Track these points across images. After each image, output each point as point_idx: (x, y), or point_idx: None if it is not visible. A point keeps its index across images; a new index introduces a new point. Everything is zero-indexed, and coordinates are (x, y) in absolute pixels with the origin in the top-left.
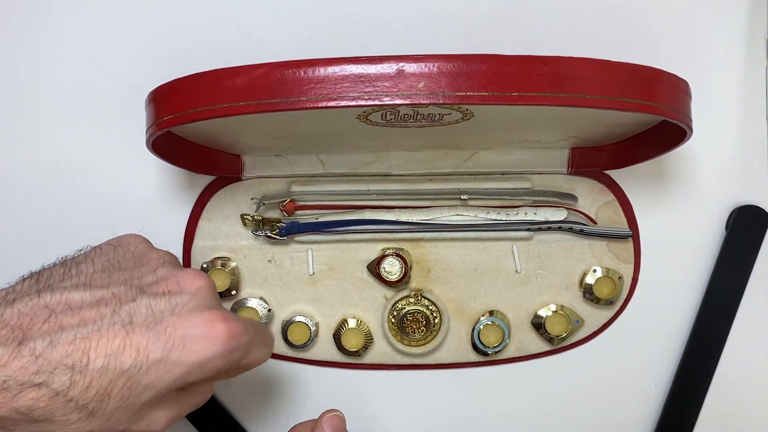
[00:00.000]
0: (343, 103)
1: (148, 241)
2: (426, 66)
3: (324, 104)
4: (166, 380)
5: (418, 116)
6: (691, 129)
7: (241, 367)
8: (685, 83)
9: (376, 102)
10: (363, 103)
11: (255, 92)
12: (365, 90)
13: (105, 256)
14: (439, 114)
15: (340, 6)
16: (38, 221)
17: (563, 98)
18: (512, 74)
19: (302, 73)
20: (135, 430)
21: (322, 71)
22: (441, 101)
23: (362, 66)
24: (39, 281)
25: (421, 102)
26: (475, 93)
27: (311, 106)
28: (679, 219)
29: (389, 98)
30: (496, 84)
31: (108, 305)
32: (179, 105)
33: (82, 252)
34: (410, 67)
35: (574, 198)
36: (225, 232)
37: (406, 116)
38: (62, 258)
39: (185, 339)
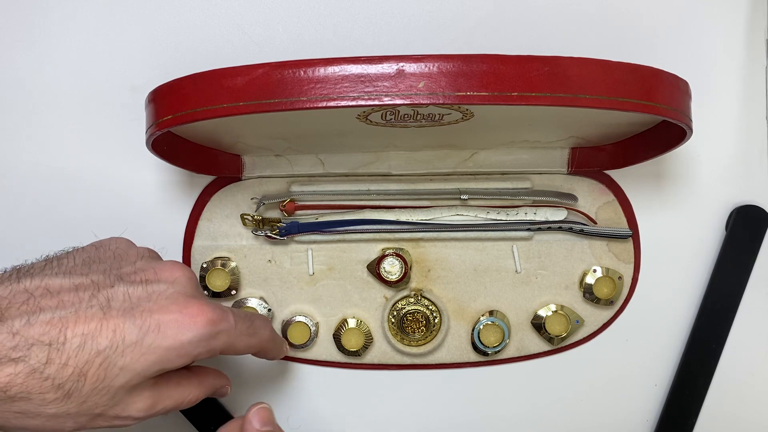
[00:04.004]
0: (343, 103)
1: (130, 241)
2: (426, 66)
3: (324, 104)
4: (141, 364)
5: (418, 116)
6: (691, 129)
7: (229, 352)
8: (685, 83)
9: (376, 102)
10: (363, 103)
11: (255, 92)
12: (365, 90)
13: (86, 253)
14: (439, 114)
15: (340, 6)
16: (38, 221)
17: (563, 98)
18: (512, 74)
19: (302, 73)
20: (111, 414)
21: (322, 71)
22: (441, 101)
23: (362, 66)
24: (20, 271)
25: (421, 102)
26: (475, 93)
27: (311, 106)
28: (679, 219)
29: (389, 98)
30: (496, 84)
31: (86, 290)
32: (179, 105)
33: (64, 250)
34: (410, 67)
35: (574, 198)
36: (225, 232)
37: (406, 116)
38: (45, 256)
39: (161, 324)
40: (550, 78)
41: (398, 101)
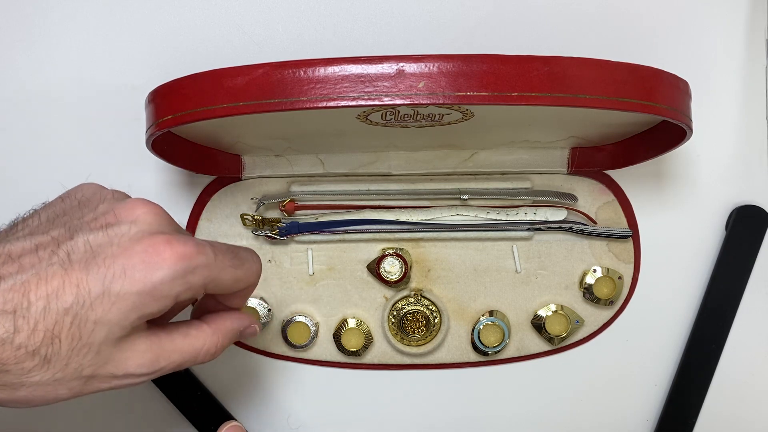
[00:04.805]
0: (343, 103)
1: (98, 185)
2: (426, 66)
3: (324, 104)
4: (115, 313)
5: (418, 116)
6: (691, 129)
7: (216, 289)
8: (685, 83)
9: (376, 102)
10: (363, 103)
11: (255, 92)
12: (365, 90)
13: (51, 208)
14: (439, 114)
15: (340, 6)
16: None
17: (563, 98)
18: (512, 74)
19: (302, 73)
20: (105, 374)
21: (321, 71)
22: (441, 101)
23: (362, 66)
24: None
25: (421, 102)
26: (475, 93)
27: (311, 106)
28: (679, 219)
29: (389, 98)
30: (496, 84)
31: (47, 248)
32: (179, 105)
33: (32, 209)
34: (410, 67)
35: (574, 198)
36: (225, 232)
37: (406, 116)
38: (13, 220)
39: (126, 269)
40: (550, 78)
41: (398, 101)
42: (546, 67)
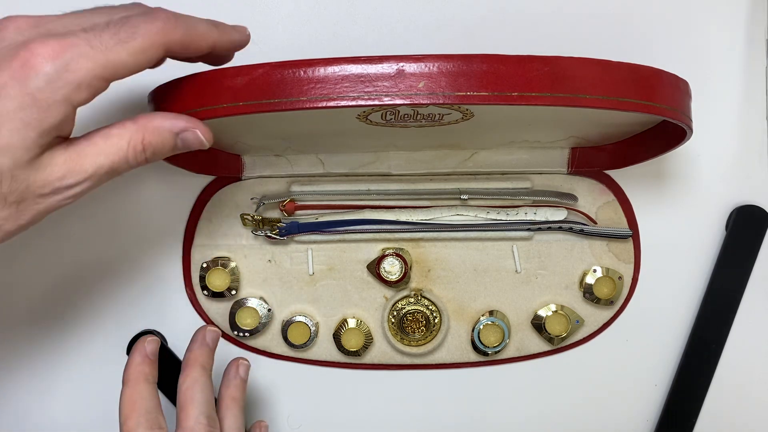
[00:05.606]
0: (343, 103)
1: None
2: (426, 66)
3: (324, 104)
4: (9, 137)
5: (418, 116)
6: (691, 129)
7: (126, 71)
8: (685, 83)
9: (376, 102)
10: (363, 103)
11: (255, 92)
12: (365, 90)
13: None
14: (439, 114)
15: (340, 6)
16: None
17: (563, 98)
18: (512, 74)
19: (302, 73)
20: (31, 196)
21: (322, 71)
22: (441, 101)
23: (362, 66)
24: None
25: (421, 102)
26: (475, 93)
27: (311, 106)
28: (679, 219)
29: (389, 98)
30: (496, 84)
31: None
32: (179, 105)
33: None
34: (410, 67)
35: (574, 198)
36: (225, 232)
37: (406, 116)
38: None
39: (0, 89)
40: (550, 78)
41: (398, 101)
42: (546, 67)
